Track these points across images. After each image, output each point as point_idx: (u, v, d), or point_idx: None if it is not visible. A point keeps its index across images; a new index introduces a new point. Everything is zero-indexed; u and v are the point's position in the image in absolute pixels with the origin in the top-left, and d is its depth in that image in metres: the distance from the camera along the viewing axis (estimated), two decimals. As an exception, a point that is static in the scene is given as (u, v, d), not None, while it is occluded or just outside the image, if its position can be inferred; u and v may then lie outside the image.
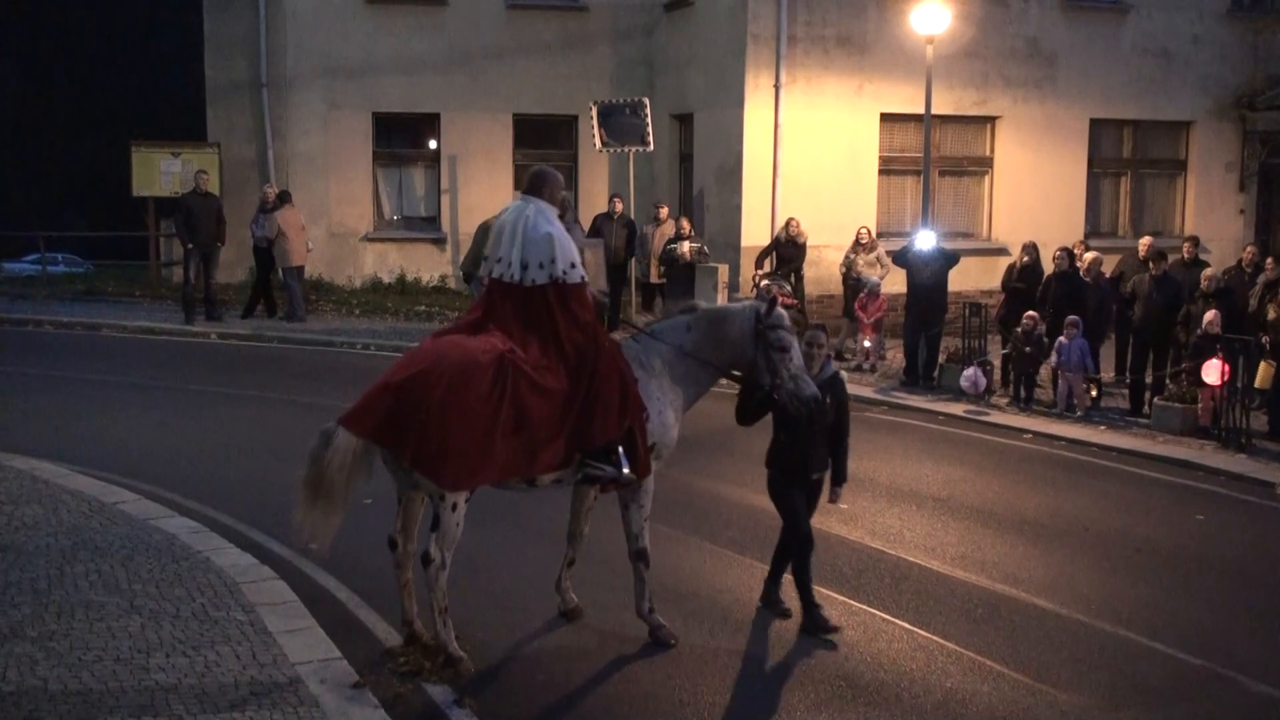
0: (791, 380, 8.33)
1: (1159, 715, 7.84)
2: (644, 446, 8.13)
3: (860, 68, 22.10)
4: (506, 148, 25.26)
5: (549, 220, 8.02)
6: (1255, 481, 13.81)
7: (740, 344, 8.46)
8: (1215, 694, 8.22)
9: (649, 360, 8.42)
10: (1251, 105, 24.48)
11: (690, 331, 8.52)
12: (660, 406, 8.34)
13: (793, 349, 8.34)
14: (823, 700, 7.72)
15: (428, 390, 7.55)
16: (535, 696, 7.63)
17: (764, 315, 8.40)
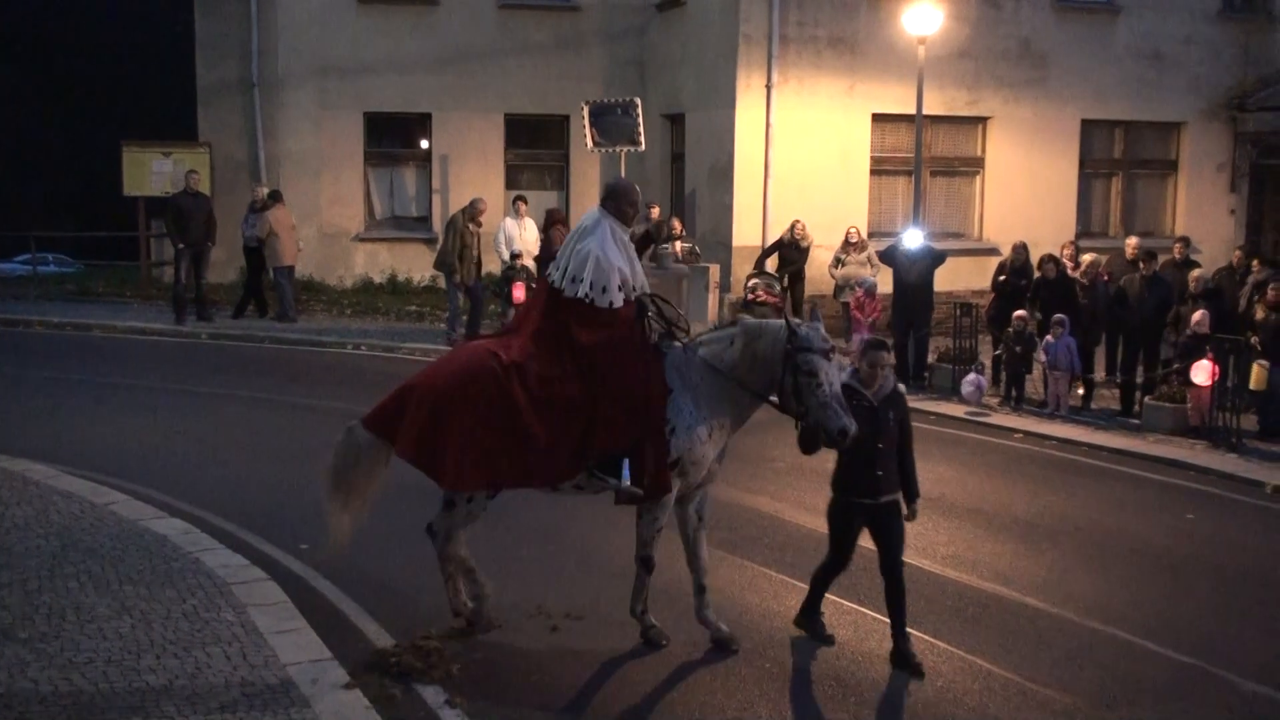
0: (820, 409, 7.68)
1: (1150, 714, 7.85)
2: (657, 461, 7.90)
3: (852, 68, 22.12)
4: (498, 147, 25.26)
5: (602, 238, 7.99)
6: (1245, 481, 13.84)
7: (771, 364, 7.92)
8: (1206, 692, 8.24)
9: (688, 372, 8.09)
10: (1242, 106, 24.53)
11: (731, 346, 8.09)
12: (691, 422, 7.99)
13: (822, 373, 7.68)
14: (813, 699, 7.73)
15: (429, 393, 7.98)
16: (527, 697, 7.63)
17: (794, 335, 7.84)
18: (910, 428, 8.48)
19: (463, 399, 7.86)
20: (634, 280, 8.17)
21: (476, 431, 7.83)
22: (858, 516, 8.33)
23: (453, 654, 8.02)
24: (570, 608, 8.97)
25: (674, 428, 7.96)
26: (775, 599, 9.41)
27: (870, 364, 8.30)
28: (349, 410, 15.07)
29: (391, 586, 9.41)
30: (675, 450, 7.97)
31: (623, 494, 8.00)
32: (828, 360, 7.72)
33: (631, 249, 8.26)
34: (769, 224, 21.78)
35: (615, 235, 8.05)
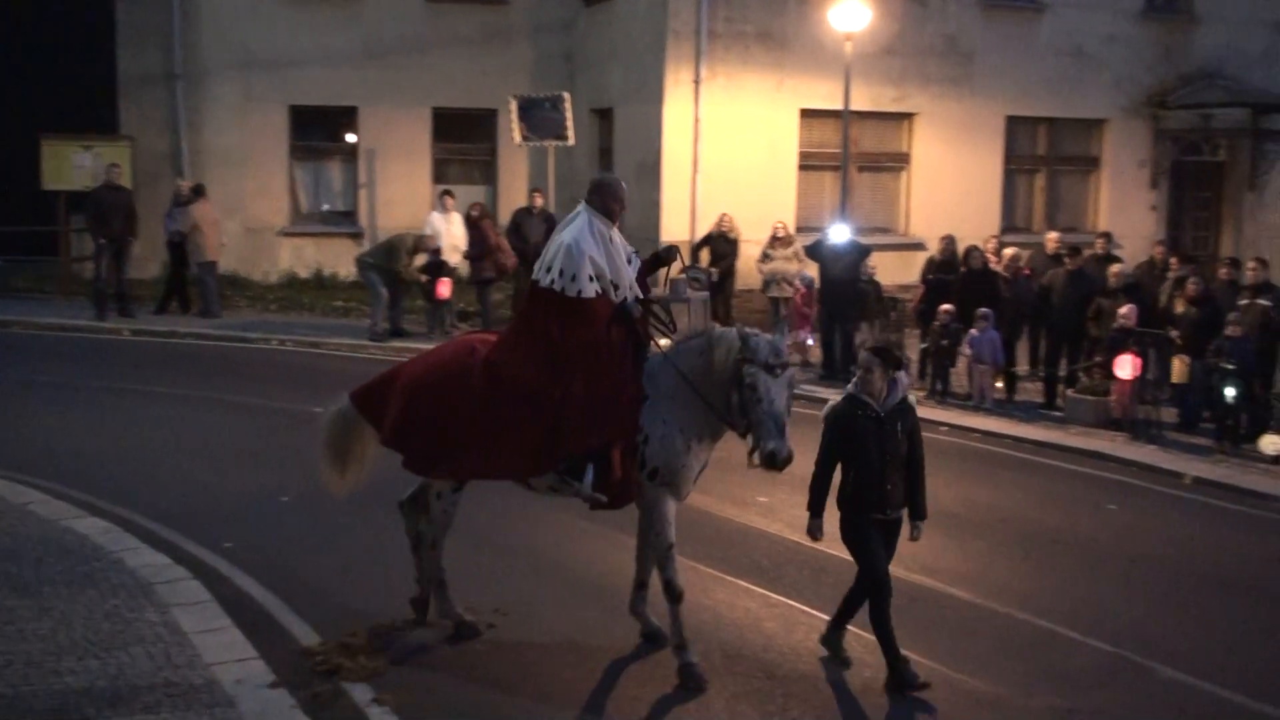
0: (756, 425, 7.41)
1: (1073, 701, 7.95)
2: (623, 468, 7.69)
3: (780, 64, 22.20)
4: (425, 141, 25.09)
5: (579, 229, 7.88)
6: (1165, 472, 14.07)
7: (723, 377, 7.62)
8: (1127, 680, 8.37)
9: (663, 379, 7.85)
10: (1163, 104, 24.87)
11: (700, 356, 7.81)
12: (667, 430, 7.73)
13: (762, 388, 7.37)
14: (742, 692, 7.75)
15: (409, 381, 8.19)
16: (455, 693, 7.60)
17: (744, 345, 7.53)
18: (920, 442, 8.12)
19: (434, 390, 7.99)
20: (614, 277, 7.93)
21: (444, 422, 7.91)
22: (871, 530, 7.98)
23: (379, 651, 7.98)
24: (498, 603, 8.95)
25: (647, 437, 7.74)
26: (703, 592, 9.43)
27: (864, 366, 7.99)
28: (273, 406, 15.09)
29: (318, 585, 9.33)
30: (651, 460, 7.76)
31: (586, 499, 7.84)
32: (772, 375, 7.39)
33: (617, 247, 8.02)
34: (697, 219, 21.80)
35: (594, 228, 7.90)
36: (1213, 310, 15.91)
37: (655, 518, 7.87)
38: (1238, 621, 9.66)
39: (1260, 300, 15.73)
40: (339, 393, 8.79)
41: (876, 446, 7.81)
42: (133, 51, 24.26)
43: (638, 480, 7.78)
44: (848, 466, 7.97)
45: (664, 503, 7.84)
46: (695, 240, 21.30)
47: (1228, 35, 25.47)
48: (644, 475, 7.78)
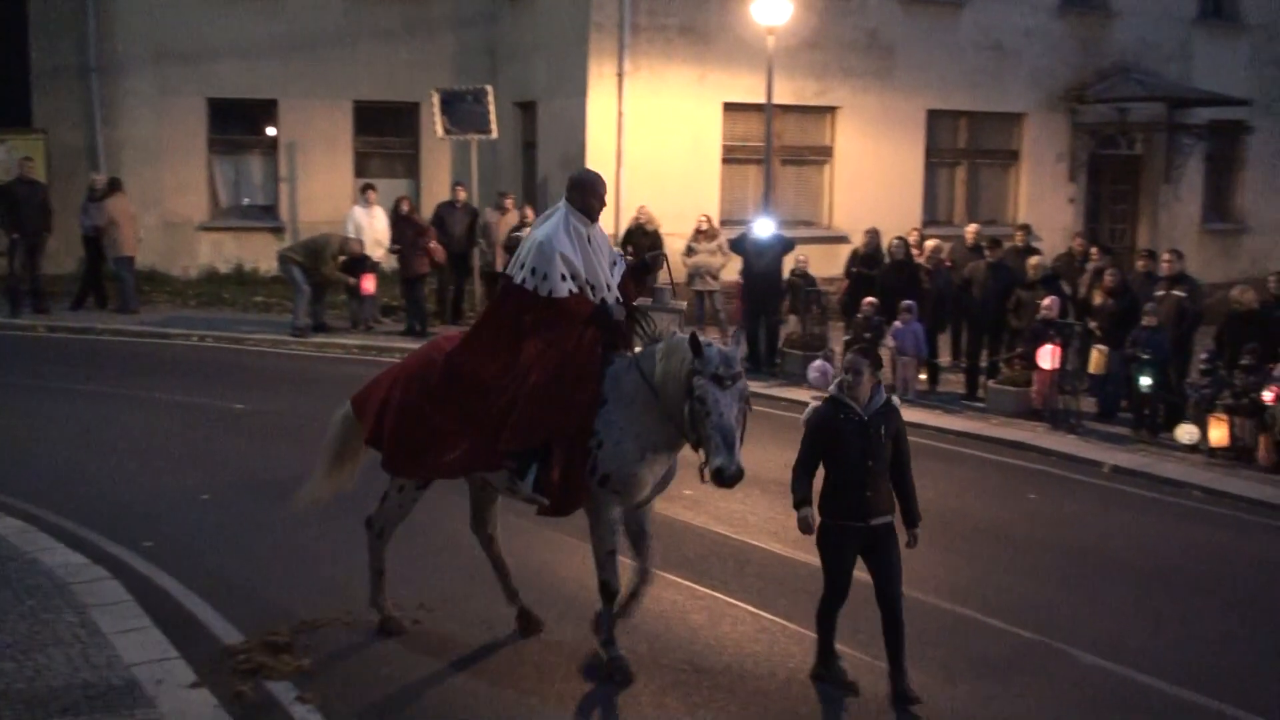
0: (704, 440, 7.09)
1: (994, 688, 8.03)
2: (569, 472, 7.46)
3: (703, 57, 22.24)
4: (347, 135, 24.87)
5: (553, 226, 7.72)
6: (1084, 461, 14.26)
7: (676, 386, 7.29)
8: (1048, 666, 8.47)
9: (626, 383, 7.57)
10: (1081, 98, 25.20)
11: (659, 362, 7.49)
12: (621, 436, 7.46)
13: (710, 401, 7.04)
14: (668, 685, 7.76)
15: (387, 378, 8.32)
16: (380, 690, 7.55)
17: (696, 354, 7.16)
18: (906, 445, 7.86)
19: (403, 388, 8.03)
20: (589, 277, 7.74)
21: (409, 421, 7.92)
22: (849, 541, 7.67)
23: (303, 649, 7.92)
24: (424, 599, 8.90)
25: (601, 441, 7.48)
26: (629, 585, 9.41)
27: (846, 369, 7.73)
28: (194, 403, 14.91)
29: (240, 582, 9.22)
30: (602, 465, 7.48)
31: (526, 500, 7.73)
32: (721, 387, 7.05)
33: (597, 245, 7.83)
34: (621, 212, 21.78)
35: (569, 225, 7.70)
36: (1130, 301, 16.16)
37: (599, 523, 7.67)
38: (1155, 607, 9.81)
39: (1176, 291, 15.99)
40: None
41: (858, 451, 7.56)
42: (46, 44, 23.82)
43: (587, 485, 7.52)
44: (828, 471, 7.71)
45: (610, 510, 7.62)
46: (619, 236, 21.30)
47: (1143, 30, 25.89)
48: (594, 480, 7.52)
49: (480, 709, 7.40)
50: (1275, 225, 28.19)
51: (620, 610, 7.92)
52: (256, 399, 15.29)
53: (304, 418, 14.59)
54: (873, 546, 7.67)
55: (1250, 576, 10.82)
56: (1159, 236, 25.47)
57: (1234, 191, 28.18)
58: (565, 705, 7.48)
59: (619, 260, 8.08)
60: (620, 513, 7.70)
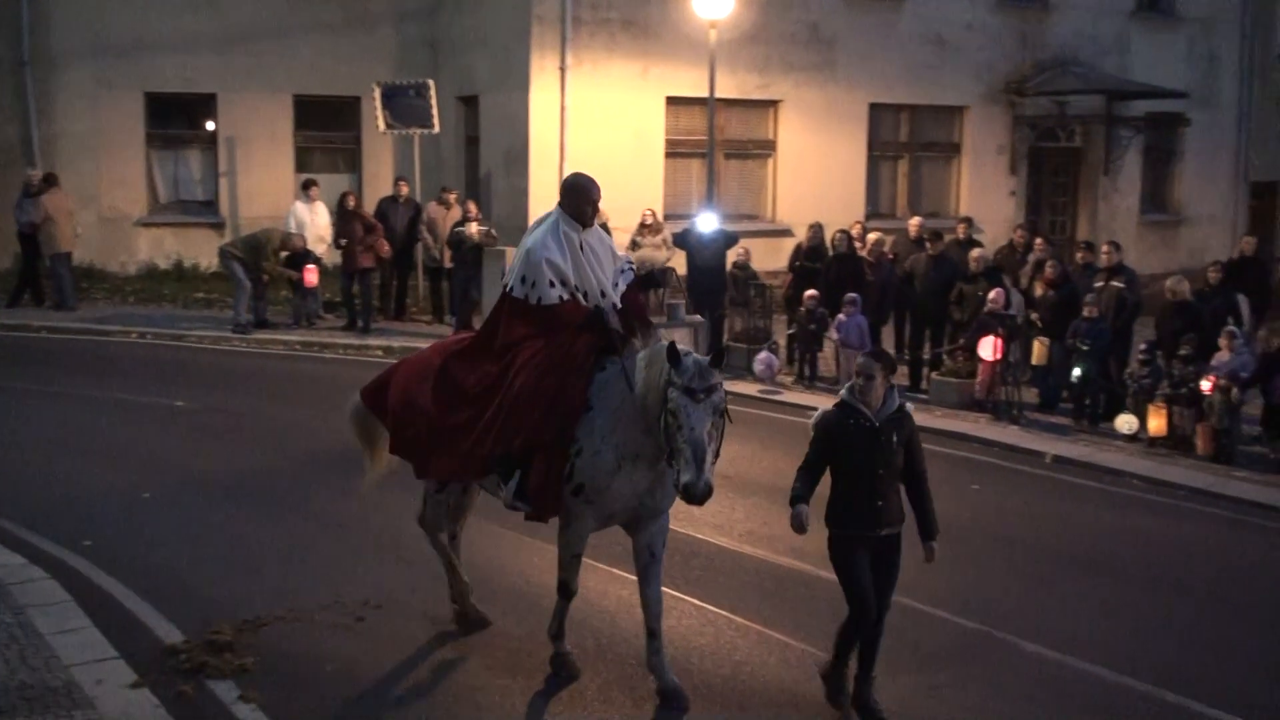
0: (675, 454, 6.80)
1: (938, 677, 8.09)
2: (549, 480, 7.23)
3: (645, 51, 22.23)
4: (287, 129, 24.63)
5: (543, 233, 7.56)
6: (1026, 452, 14.39)
7: (657, 398, 6.98)
8: (990, 655, 8.53)
9: (613, 391, 7.30)
10: (1020, 91, 25.40)
11: (644, 369, 7.19)
12: (599, 445, 7.20)
13: (683, 414, 6.74)
14: (614, 679, 7.76)
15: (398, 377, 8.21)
16: (324, 688, 7.50)
17: (673, 364, 6.86)
18: (921, 452, 7.51)
19: (403, 389, 8.02)
20: (580, 284, 7.55)
21: (408, 422, 7.91)
22: (859, 551, 7.32)
23: (246, 648, 7.85)
24: (369, 596, 8.86)
25: (581, 449, 7.23)
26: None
27: (862, 374, 7.31)
28: (134, 401, 14.74)
29: (181, 581, 9.13)
30: (579, 474, 7.24)
31: (508, 507, 7.59)
32: (693, 400, 6.75)
33: (592, 251, 7.64)
34: (565, 207, 21.75)
35: (559, 231, 7.52)
36: (1070, 293, 16.30)
37: (567, 529, 7.49)
38: (1096, 596, 9.91)
39: (1115, 282, 16.15)
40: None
41: (868, 459, 7.22)
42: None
43: (563, 495, 7.32)
44: (836, 479, 7.34)
45: (582, 520, 7.42)
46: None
47: (1081, 23, 26.15)
48: (569, 488, 7.29)
49: (425, 705, 7.36)
50: (1212, 217, 28.56)
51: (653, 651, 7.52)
52: (197, 396, 15.14)
53: (246, 414, 14.51)
54: (879, 557, 7.37)
55: (1188, 564, 10.96)
56: (1098, 228, 25.71)
57: (1171, 183, 28.50)
58: (511, 700, 7.45)
59: (627, 269, 7.88)
60: (591, 524, 7.45)
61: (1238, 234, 24.75)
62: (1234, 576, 10.71)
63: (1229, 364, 14.45)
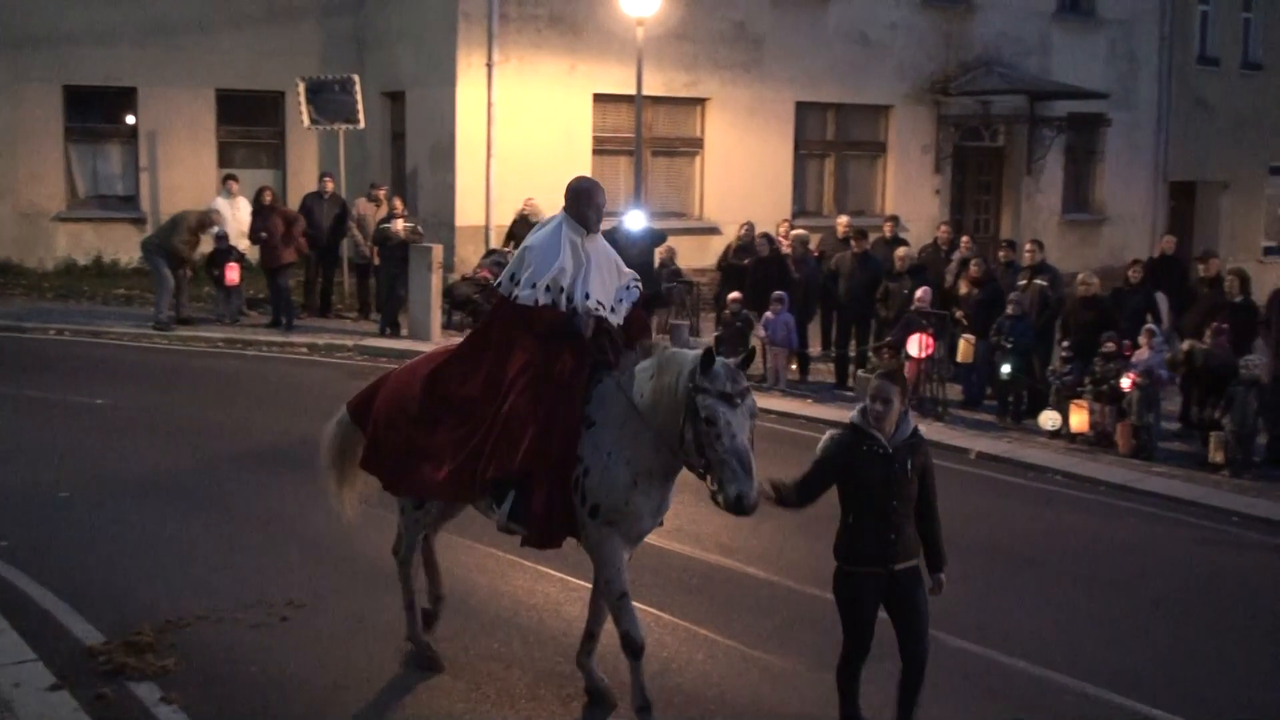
0: (718, 466, 6.41)
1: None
2: (549, 502, 6.89)
3: (573, 48, 22.19)
4: (209, 124, 24.32)
5: (544, 234, 7.31)
6: (951, 448, 14.50)
7: (671, 406, 6.66)
8: (917, 652, 8.57)
9: (614, 405, 6.95)
10: (945, 91, 25.65)
11: (651, 379, 6.85)
12: (609, 462, 6.85)
13: (722, 421, 6.38)
14: (542, 677, 7.73)
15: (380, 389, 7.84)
16: (247, 690, 7.41)
17: (701, 370, 6.51)
18: (933, 480, 6.98)
19: (388, 399, 7.67)
20: (570, 290, 7.15)
21: (391, 434, 7.56)
22: (869, 590, 6.82)
23: (167, 648, 7.75)
24: (293, 595, 8.77)
25: (588, 468, 6.88)
26: (502, 578, 9.38)
27: (873, 397, 6.80)
28: (51, 399, 14.50)
29: (100, 581, 8.99)
30: (591, 495, 6.88)
31: (501, 530, 7.24)
32: (731, 406, 6.43)
33: (591, 257, 7.28)
34: (492, 204, 21.71)
35: (561, 233, 7.23)
36: (994, 290, 16.47)
37: (600, 561, 7.05)
38: (1020, 590, 10.03)
39: (1038, 280, 16.34)
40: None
41: (882, 488, 6.70)
42: (-110, 29, 22.96)
43: (580, 518, 6.93)
44: (847, 510, 6.84)
45: (610, 544, 6.97)
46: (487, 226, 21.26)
47: (1004, 24, 26.46)
48: (585, 512, 6.91)
49: (350, 705, 7.30)
50: (1132, 216, 29.01)
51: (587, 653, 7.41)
52: (117, 394, 14.92)
53: (167, 412, 14.32)
54: (896, 594, 6.84)
55: (1109, 558, 11.10)
56: (1021, 227, 26.03)
57: (1092, 183, 28.92)
58: (438, 698, 7.40)
59: (632, 285, 7.54)
60: (620, 548, 7.02)
61: (1157, 233, 25.17)
62: (1152, 570, 10.87)
63: (1148, 361, 14.66)
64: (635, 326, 7.45)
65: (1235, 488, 13.43)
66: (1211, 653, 9.02)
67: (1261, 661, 8.96)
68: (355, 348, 18.64)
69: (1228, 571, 11.03)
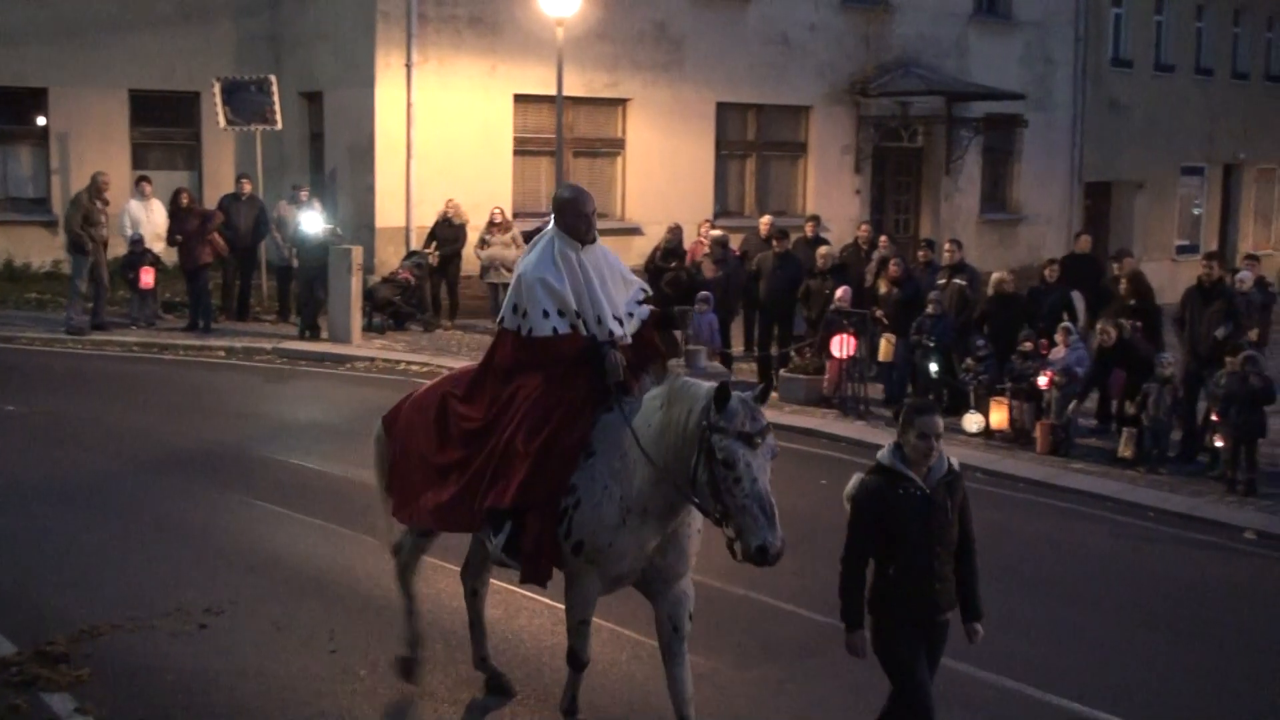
0: (737, 513, 5.93)
1: (786, 670, 8.16)
2: (540, 537, 6.49)
3: (493, 48, 22.09)
4: (123, 125, 23.88)
5: (535, 258, 6.82)
6: (873, 446, 14.36)
7: (679, 443, 6.17)
8: (836, 649, 8.56)
9: (615, 435, 6.50)
10: (864, 92, 25.81)
11: (659, 410, 6.35)
12: (601, 498, 6.40)
13: (741, 465, 5.87)
14: (464, 680, 7.68)
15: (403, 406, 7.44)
16: (164, 699, 7.30)
17: (715, 406, 6.02)
18: (971, 519, 6.43)
19: (411, 422, 7.25)
20: (580, 308, 6.75)
21: (405, 459, 7.22)
22: (915, 643, 6.28)
23: (82, 659, 7.60)
24: (211, 603, 8.64)
25: (579, 500, 6.45)
26: (424, 581, 9.27)
27: (920, 434, 6.15)
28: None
29: (11, 591, 8.83)
30: (577, 530, 6.44)
31: (495, 563, 6.94)
32: (750, 448, 5.92)
33: (590, 271, 6.84)
34: (413, 205, 21.54)
35: (555, 252, 6.77)
36: (914, 290, 16.61)
37: (572, 592, 6.68)
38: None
39: (957, 280, 16.49)
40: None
41: (923, 533, 6.13)
42: None
43: (563, 551, 6.55)
44: (885, 561, 6.21)
45: (588, 580, 6.59)
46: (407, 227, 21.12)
47: (921, 26, 26.69)
48: (568, 547, 6.51)
49: (268, 714, 7.20)
50: (1048, 215, 29.40)
51: None
52: (29, 400, 14.64)
53: (80, 418, 14.07)
54: (929, 646, 6.37)
55: (1028, 554, 11.22)
56: (940, 226, 26.28)
57: (1010, 183, 29.26)
58: (359, 704, 7.33)
59: (639, 293, 7.14)
60: (597, 586, 6.62)
61: (1073, 232, 25.49)
62: (1069, 565, 11.02)
63: (1065, 359, 14.84)
64: (647, 349, 6.98)
65: (1150, 483, 13.65)
66: (1124, 643, 9.15)
67: (1171, 650, 9.10)
68: (274, 351, 18.43)
69: (1143, 565, 11.20)
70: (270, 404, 15.76)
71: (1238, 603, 10.37)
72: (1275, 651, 9.23)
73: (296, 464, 12.41)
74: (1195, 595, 10.53)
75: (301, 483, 11.66)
